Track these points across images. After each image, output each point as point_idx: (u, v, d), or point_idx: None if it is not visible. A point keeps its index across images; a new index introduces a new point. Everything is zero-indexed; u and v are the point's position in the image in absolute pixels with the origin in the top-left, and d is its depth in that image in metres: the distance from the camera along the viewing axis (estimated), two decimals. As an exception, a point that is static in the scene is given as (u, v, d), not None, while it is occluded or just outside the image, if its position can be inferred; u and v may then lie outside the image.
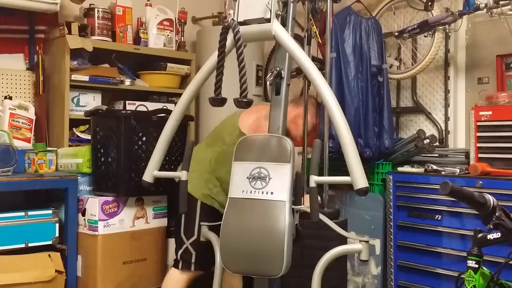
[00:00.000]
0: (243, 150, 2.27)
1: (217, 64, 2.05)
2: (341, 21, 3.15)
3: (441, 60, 3.30)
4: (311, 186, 2.08)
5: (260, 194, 2.15)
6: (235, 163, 2.24)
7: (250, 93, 2.05)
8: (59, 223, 2.85)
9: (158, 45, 3.55)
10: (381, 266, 3.07)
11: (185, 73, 3.64)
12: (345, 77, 3.09)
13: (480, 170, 2.64)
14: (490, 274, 1.68)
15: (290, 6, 2.40)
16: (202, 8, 4.01)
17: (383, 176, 3.14)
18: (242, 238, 2.14)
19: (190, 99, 2.47)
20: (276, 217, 2.10)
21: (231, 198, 2.21)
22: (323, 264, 2.20)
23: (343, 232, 2.36)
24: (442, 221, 2.77)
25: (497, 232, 1.61)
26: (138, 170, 2.83)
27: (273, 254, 2.08)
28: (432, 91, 3.38)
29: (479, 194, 1.62)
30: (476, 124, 2.76)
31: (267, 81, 2.43)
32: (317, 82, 2.13)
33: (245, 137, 2.32)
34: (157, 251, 3.12)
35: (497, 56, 3.07)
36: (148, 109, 3.39)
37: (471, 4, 2.86)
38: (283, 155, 2.18)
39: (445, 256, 2.76)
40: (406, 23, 3.36)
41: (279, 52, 2.46)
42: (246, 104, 2.01)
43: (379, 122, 3.18)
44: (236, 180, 2.21)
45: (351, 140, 2.07)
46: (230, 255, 2.18)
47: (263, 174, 2.16)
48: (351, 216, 3.00)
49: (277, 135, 2.31)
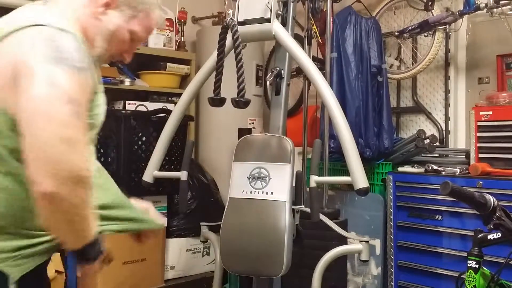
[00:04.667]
0: (243, 150, 2.27)
1: (216, 64, 2.05)
2: (342, 21, 3.15)
3: (442, 60, 3.30)
4: (311, 186, 2.08)
5: (260, 194, 2.15)
6: (235, 163, 2.24)
7: (250, 93, 2.05)
8: (59, 223, 2.84)
9: (158, 45, 3.54)
10: (381, 266, 3.07)
11: (185, 73, 3.64)
12: (346, 77, 3.08)
13: (481, 170, 2.63)
14: (490, 274, 1.67)
15: (290, 6, 2.41)
16: (202, 8, 4.00)
17: (383, 176, 3.14)
18: (242, 238, 2.14)
19: (190, 99, 2.47)
20: (276, 217, 2.10)
21: (231, 198, 2.21)
22: (323, 264, 2.20)
23: (343, 232, 2.36)
24: (443, 221, 2.76)
25: (497, 232, 1.61)
26: (138, 170, 2.83)
27: (273, 254, 2.08)
28: (432, 91, 3.37)
29: (479, 194, 1.61)
30: (477, 124, 2.75)
31: (267, 81, 2.43)
32: (317, 82, 2.13)
33: (245, 137, 2.32)
34: (157, 251, 3.12)
35: (497, 56, 3.06)
36: (148, 109, 3.39)
37: (471, 4, 2.85)
38: (283, 155, 2.18)
39: (446, 256, 2.75)
40: (406, 23, 3.36)
41: (279, 52, 2.46)
42: (243, 104, 2.00)
43: (379, 122, 3.18)
44: (236, 180, 2.21)
45: (352, 140, 2.07)
46: (230, 255, 2.18)
47: (263, 174, 2.16)
48: (351, 216, 3.00)
49: (277, 135, 2.31)
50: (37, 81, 1.02)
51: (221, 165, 3.45)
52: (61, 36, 1.08)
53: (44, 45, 1.06)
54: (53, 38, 1.07)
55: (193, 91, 2.44)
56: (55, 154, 1.00)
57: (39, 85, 1.02)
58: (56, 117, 1.02)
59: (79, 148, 1.04)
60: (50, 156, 1.00)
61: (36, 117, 1.01)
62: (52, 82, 1.02)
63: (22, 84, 1.03)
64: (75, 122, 1.04)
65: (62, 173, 1.00)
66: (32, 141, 1.01)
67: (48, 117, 1.01)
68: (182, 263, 3.22)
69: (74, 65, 1.06)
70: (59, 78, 1.03)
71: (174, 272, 3.21)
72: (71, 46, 1.08)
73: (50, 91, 1.02)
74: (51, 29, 1.08)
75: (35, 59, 1.04)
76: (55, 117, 1.02)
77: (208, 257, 3.31)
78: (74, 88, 1.05)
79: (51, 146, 1.00)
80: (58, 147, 1.00)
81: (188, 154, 2.44)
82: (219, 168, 3.46)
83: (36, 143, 1.00)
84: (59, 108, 1.02)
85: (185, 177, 2.38)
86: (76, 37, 1.11)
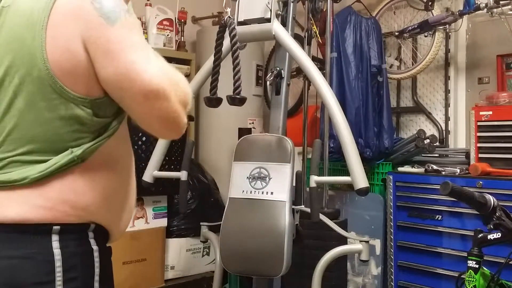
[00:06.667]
0: (243, 150, 2.27)
1: (214, 63, 2.04)
2: (342, 21, 3.15)
3: (442, 60, 3.30)
4: (311, 186, 2.08)
5: (260, 194, 2.15)
6: (235, 163, 2.24)
7: (250, 93, 2.05)
8: (59, 223, 2.84)
9: (158, 45, 3.54)
10: (381, 266, 3.07)
11: (185, 73, 3.63)
12: (346, 77, 3.09)
13: (481, 170, 2.63)
14: (490, 274, 1.67)
15: (290, 6, 2.41)
16: (202, 8, 4.00)
17: (383, 176, 3.14)
18: (242, 238, 2.14)
19: (190, 99, 2.46)
20: (276, 217, 2.10)
21: (231, 198, 2.21)
22: (323, 264, 2.20)
23: (343, 232, 2.36)
24: (443, 221, 2.76)
25: (497, 232, 1.61)
26: (138, 170, 2.81)
27: (273, 254, 2.08)
28: (432, 91, 3.37)
29: (479, 194, 1.61)
30: (477, 124, 2.76)
31: (267, 81, 2.43)
32: (317, 82, 2.13)
33: (245, 137, 2.32)
34: (157, 251, 3.12)
35: (497, 56, 3.06)
36: (148, 109, 3.38)
37: (471, 4, 2.86)
38: (283, 155, 2.18)
39: (446, 256, 2.75)
40: (406, 23, 3.36)
41: (279, 52, 2.46)
42: (239, 101, 1.99)
43: (379, 122, 3.18)
44: (236, 180, 2.21)
45: (352, 140, 2.07)
46: (230, 255, 2.18)
47: (263, 174, 2.16)
48: (351, 216, 3.00)
49: (277, 135, 2.31)
50: (117, 50, 1.03)
51: (221, 165, 3.45)
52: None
53: (93, 10, 1.04)
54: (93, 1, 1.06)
55: (193, 91, 2.44)
56: (161, 71, 1.05)
57: (121, 51, 1.03)
58: (149, 57, 1.04)
59: (171, 69, 1.11)
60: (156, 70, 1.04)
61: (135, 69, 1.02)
62: (131, 44, 1.04)
63: (102, 55, 1.04)
64: (156, 57, 1.08)
65: (165, 76, 1.05)
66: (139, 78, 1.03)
67: (148, 60, 1.04)
68: (182, 263, 3.22)
69: (125, 12, 1.07)
70: (126, 34, 1.05)
71: (174, 272, 3.20)
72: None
73: (136, 51, 1.04)
74: None
75: (98, 29, 1.03)
76: (151, 58, 1.05)
77: (208, 257, 3.31)
78: (140, 31, 1.09)
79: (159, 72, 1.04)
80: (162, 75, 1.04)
81: (188, 154, 2.43)
82: (219, 168, 3.46)
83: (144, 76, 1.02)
84: (150, 54, 1.05)
85: (185, 177, 2.38)
86: None
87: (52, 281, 1.05)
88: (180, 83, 1.13)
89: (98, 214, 1.14)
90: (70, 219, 1.09)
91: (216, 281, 2.44)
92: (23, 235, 1.05)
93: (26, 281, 1.04)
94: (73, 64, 1.05)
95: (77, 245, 1.10)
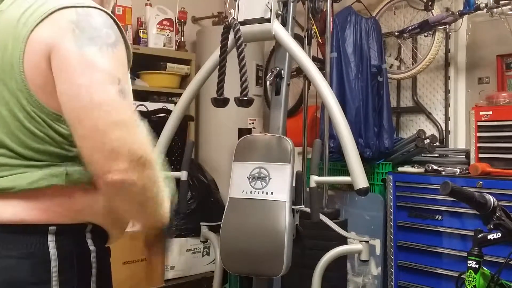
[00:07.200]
0: (243, 150, 2.27)
1: (219, 64, 2.05)
2: (342, 21, 3.15)
3: (442, 60, 3.30)
4: (311, 186, 2.08)
5: (260, 194, 2.15)
6: (235, 163, 2.24)
7: (250, 93, 2.04)
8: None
9: (158, 45, 3.54)
10: (381, 266, 3.07)
11: (185, 73, 3.64)
12: (346, 77, 3.09)
13: (481, 170, 2.63)
14: (490, 274, 1.67)
15: (290, 6, 2.41)
16: (202, 8, 4.00)
17: (383, 176, 3.14)
18: (242, 238, 2.14)
19: (190, 99, 2.47)
20: (276, 217, 2.10)
21: (231, 198, 2.21)
22: (323, 264, 2.20)
23: (343, 232, 2.36)
24: (443, 221, 2.76)
25: (497, 232, 1.61)
26: (138, 170, 2.82)
27: (273, 254, 2.08)
28: (432, 91, 3.37)
29: (479, 194, 1.61)
30: (477, 124, 2.75)
31: (267, 81, 2.43)
32: (317, 82, 2.13)
33: (245, 137, 2.32)
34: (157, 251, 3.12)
35: (497, 56, 3.06)
36: (148, 109, 3.39)
37: (471, 4, 2.85)
38: (283, 155, 2.18)
39: (446, 256, 2.75)
40: (406, 23, 3.36)
41: (279, 52, 2.46)
42: (247, 103, 2.00)
43: (379, 122, 3.18)
44: (236, 180, 2.21)
45: (352, 140, 2.07)
46: (230, 255, 2.18)
47: (263, 174, 2.16)
48: (351, 216, 3.00)
49: (277, 135, 2.31)
50: (76, 68, 0.99)
51: (221, 165, 3.45)
52: (88, 14, 1.04)
53: (74, 27, 1.01)
54: (81, 18, 1.03)
55: (193, 91, 2.44)
56: (113, 141, 0.97)
57: (78, 73, 0.99)
58: (103, 103, 0.98)
59: (134, 128, 1.03)
60: (109, 144, 0.97)
61: (84, 107, 0.97)
62: (91, 66, 0.99)
63: (61, 73, 1.00)
64: (123, 102, 1.01)
65: (125, 159, 0.97)
66: (86, 133, 0.98)
67: (97, 105, 0.97)
68: (182, 263, 3.22)
69: (108, 42, 1.02)
70: (97, 59, 1.00)
71: (174, 272, 3.20)
72: (100, 21, 1.04)
73: (91, 76, 0.98)
74: (76, 9, 1.04)
75: (69, 44, 1.00)
76: (103, 103, 0.98)
77: (208, 257, 3.31)
78: (114, 65, 1.02)
79: (107, 134, 0.97)
80: (114, 133, 0.98)
81: (188, 154, 2.44)
82: (219, 168, 3.46)
83: (90, 134, 0.98)
84: (104, 93, 0.99)
85: (185, 177, 2.38)
86: (100, 10, 1.07)
87: (48, 281, 1.05)
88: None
89: (95, 216, 1.13)
90: (66, 220, 1.09)
91: (216, 281, 2.44)
92: (19, 235, 1.05)
93: (23, 281, 1.04)
94: (43, 81, 1.03)
95: (74, 245, 1.09)
